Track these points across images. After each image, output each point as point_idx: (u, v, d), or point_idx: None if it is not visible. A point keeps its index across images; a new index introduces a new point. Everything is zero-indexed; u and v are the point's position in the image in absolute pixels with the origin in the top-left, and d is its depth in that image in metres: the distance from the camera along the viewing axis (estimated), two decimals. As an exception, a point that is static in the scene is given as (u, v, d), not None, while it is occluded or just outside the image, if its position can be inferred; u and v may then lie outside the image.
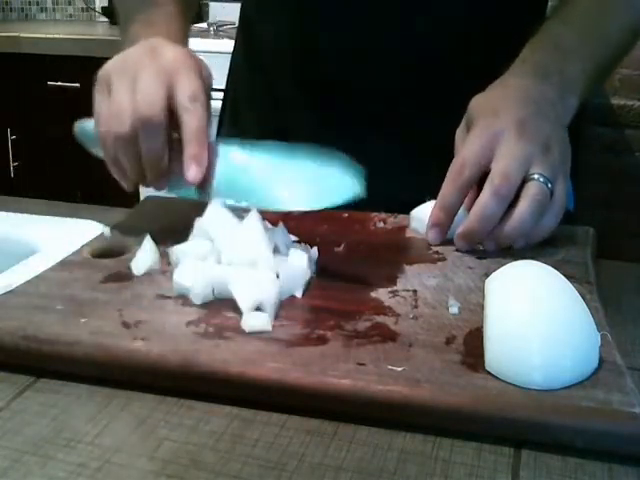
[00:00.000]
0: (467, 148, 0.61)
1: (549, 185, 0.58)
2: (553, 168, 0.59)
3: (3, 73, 2.34)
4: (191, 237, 0.58)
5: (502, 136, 0.60)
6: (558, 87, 0.64)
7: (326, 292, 0.55)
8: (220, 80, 1.65)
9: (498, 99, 0.64)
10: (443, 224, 0.62)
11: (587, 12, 0.72)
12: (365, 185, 0.56)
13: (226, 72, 0.94)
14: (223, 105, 0.94)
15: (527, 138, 0.59)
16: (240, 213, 0.57)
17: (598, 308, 0.51)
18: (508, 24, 0.77)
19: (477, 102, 0.64)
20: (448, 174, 0.61)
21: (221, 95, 0.94)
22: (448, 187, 0.61)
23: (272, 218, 0.60)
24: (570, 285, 0.48)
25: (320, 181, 0.58)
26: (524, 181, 0.59)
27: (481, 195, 0.59)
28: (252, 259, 0.54)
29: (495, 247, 0.61)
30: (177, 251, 0.57)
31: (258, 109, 0.87)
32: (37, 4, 2.88)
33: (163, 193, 0.65)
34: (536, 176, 0.58)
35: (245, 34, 0.90)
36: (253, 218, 0.60)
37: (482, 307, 0.51)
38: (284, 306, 0.53)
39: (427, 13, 0.75)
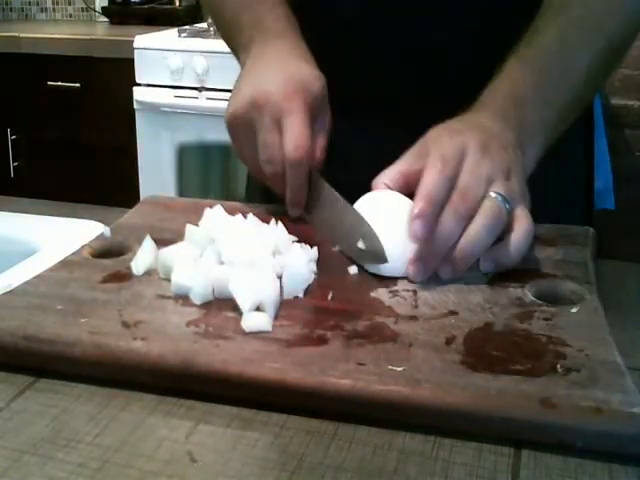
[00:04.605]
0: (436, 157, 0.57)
1: (507, 206, 0.55)
2: (512, 193, 0.56)
3: (3, 73, 2.34)
4: (181, 242, 0.58)
5: (467, 152, 0.57)
6: (517, 135, 0.62)
7: (326, 292, 0.55)
8: (221, 80, 1.65)
9: (459, 126, 0.61)
10: (430, 216, 0.54)
11: (549, 49, 0.67)
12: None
13: (225, 72, 0.94)
14: None
15: (490, 158, 0.57)
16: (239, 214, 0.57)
17: (598, 308, 0.51)
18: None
19: (436, 130, 0.61)
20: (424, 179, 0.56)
21: (224, 95, 0.94)
22: (432, 178, 0.56)
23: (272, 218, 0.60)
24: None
25: None
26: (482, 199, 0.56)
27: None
28: (252, 259, 0.54)
29: (451, 273, 0.55)
30: (162, 255, 0.57)
31: None
32: (37, 4, 2.88)
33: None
34: (493, 195, 0.55)
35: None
36: (253, 218, 0.61)
37: (482, 307, 0.51)
38: (284, 306, 0.53)
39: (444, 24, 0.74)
